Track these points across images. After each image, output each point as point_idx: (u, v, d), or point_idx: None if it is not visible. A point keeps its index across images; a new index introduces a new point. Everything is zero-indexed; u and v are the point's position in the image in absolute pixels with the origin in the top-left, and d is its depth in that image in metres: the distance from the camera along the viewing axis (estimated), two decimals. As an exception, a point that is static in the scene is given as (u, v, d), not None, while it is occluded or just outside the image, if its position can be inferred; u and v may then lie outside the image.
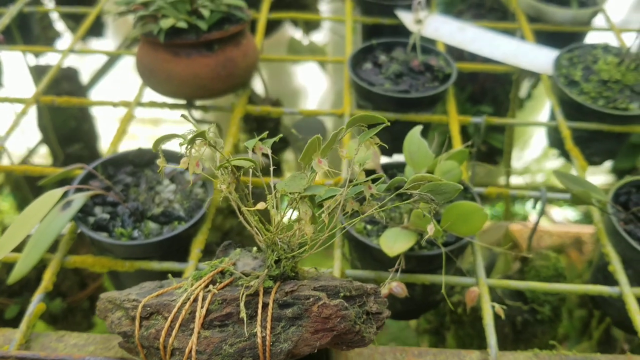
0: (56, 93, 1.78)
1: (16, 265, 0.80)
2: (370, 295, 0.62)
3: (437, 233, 0.71)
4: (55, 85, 1.81)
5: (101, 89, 2.12)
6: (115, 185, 0.92)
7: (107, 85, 2.15)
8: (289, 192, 0.54)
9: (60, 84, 1.87)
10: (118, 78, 2.18)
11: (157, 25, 1.01)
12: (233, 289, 0.61)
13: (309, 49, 2.16)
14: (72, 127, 1.98)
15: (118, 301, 0.65)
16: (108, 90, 2.14)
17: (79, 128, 2.00)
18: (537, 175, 2.75)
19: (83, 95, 1.98)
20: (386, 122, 0.65)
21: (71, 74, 1.92)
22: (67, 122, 1.95)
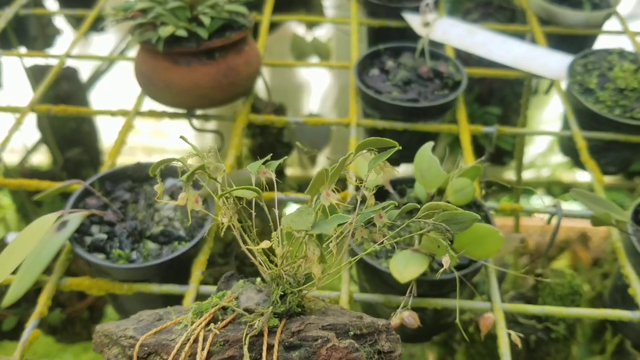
0: (55, 94, 1.74)
1: (10, 288, 0.77)
2: (382, 333, 0.58)
3: (451, 259, 0.67)
4: (54, 85, 1.78)
5: (102, 88, 2.08)
6: (113, 202, 0.88)
7: (107, 84, 2.10)
8: (295, 230, 0.50)
9: (59, 84, 1.83)
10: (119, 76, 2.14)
11: (155, 33, 0.97)
12: (236, 327, 0.57)
13: (312, 46, 2.12)
14: (72, 128, 1.94)
15: (114, 336, 0.61)
16: (108, 90, 2.11)
17: (79, 129, 1.96)
18: (543, 170, 2.71)
19: (83, 95, 1.94)
20: (398, 146, 0.61)
21: (70, 74, 1.88)
22: (67, 123, 1.92)
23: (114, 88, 2.12)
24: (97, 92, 2.05)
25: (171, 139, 2.50)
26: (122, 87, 2.16)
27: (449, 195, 0.80)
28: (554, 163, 2.72)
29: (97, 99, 2.02)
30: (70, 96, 1.84)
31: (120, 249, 0.81)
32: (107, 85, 2.10)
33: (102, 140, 2.10)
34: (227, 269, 1.28)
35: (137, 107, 1.10)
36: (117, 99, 2.26)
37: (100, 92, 2.07)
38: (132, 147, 2.56)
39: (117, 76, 2.11)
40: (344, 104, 2.50)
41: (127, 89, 2.18)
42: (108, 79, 2.09)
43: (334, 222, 0.50)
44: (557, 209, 0.89)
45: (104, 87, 2.10)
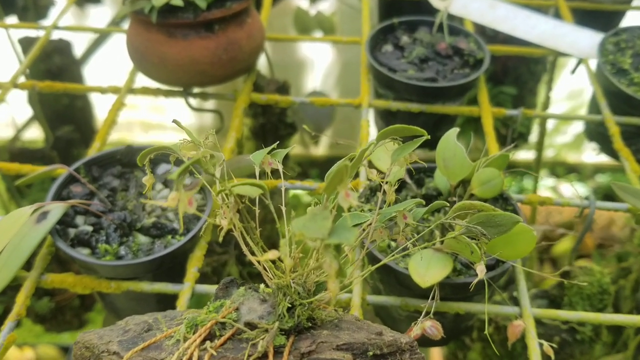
0: (47, 68, 1.65)
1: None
2: (405, 352, 0.50)
3: (479, 258, 0.59)
4: (46, 58, 1.68)
5: (97, 63, 1.99)
6: (100, 189, 0.79)
7: (104, 58, 2.01)
8: (309, 238, 0.41)
9: (51, 57, 1.73)
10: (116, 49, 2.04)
11: (148, 2, 0.88)
12: (236, 345, 0.49)
13: (316, 20, 2.03)
14: (64, 105, 1.85)
15: (96, 350, 0.53)
16: (104, 64, 2.01)
17: (71, 105, 1.87)
18: (548, 150, 2.63)
19: (77, 70, 1.84)
20: (426, 135, 0.53)
21: (63, 47, 1.78)
22: (59, 99, 1.82)
23: (110, 62, 2.03)
24: (92, 67, 1.96)
25: (170, 115, 2.41)
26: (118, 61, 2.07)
27: (474, 187, 0.72)
28: (559, 143, 2.64)
29: (92, 74, 1.92)
30: (62, 71, 1.75)
31: (107, 243, 0.73)
32: (103, 59, 2.01)
33: (97, 117, 2.02)
34: (226, 259, 1.20)
35: (129, 84, 1.01)
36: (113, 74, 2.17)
37: (96, 66, 1.98)
38: (130, 123, 2.48)
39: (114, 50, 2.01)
40: (347, 81, 2.40)
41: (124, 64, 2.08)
42: (104, 53, 1.99)
43: (354, 229, 0.42)
44: (591, 202, 0.81)
45: (99, 61, 2.00)
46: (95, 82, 1.04)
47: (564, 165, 2.63)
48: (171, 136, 2.53)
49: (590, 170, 2.60)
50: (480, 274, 0.51)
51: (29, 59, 1.07)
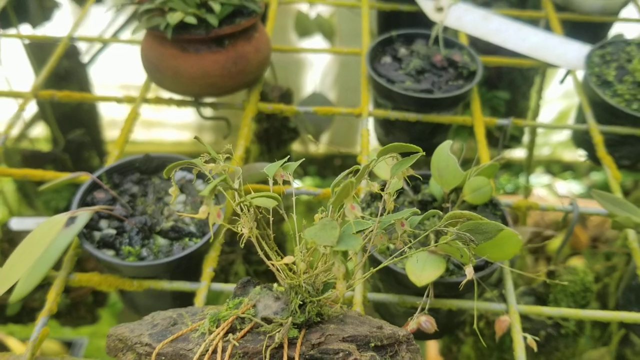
0: (55, 71, 1.71)
1: (18, 284, 0.75)
2: (402, 344, 0.57)
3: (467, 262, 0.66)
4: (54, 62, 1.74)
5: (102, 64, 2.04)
6: (121, 195, 0.86)
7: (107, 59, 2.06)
8: (319, 245, 0.48)
9: (59, 62, 1.79)
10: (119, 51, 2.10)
11: (164, 19, 0.94)
12: (254, 337, 0.56)
13: (316, 23, 2.09)
14: (72, 107, 1.91)
15: (129, 342, 0.60)
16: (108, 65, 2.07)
17: (79, 107, 1.93)
18: (543, 149, 2.70)
19: (83, 72, 1.90)
20: (422, 152, 0.59)
21: (70, 51, 1.84)
22: (66, 103, 1.88)
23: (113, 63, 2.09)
24: (97, 69, 2.02)
25: (170, 113, 2.47)
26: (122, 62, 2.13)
27: (466, 194, 0.79)
28: (555, 142, 2.70)
29: (97, 75, 1.98)
30: (70, 74, 1.81)
31: (130, 245, 0.79)
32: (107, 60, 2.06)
33: (103, 118, 2.08)
34: (233, 258, 1.27)
35: (143, 94, 1.07)
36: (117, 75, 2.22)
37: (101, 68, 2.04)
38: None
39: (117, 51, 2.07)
40: (344, 81, 2.47)
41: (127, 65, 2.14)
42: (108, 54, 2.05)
43: (359, 238, 0.49)
44: (574, 207, 0.88)
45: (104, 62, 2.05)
46: (100, 83, 1.10)
47: (560, 163, 2.70)
48: (171, 134, 2.59)
49: (585, 168, 2.67)
50: (469, 275, 0.57)
51: (47, 69, 1.14)
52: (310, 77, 2.45)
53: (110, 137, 2.21)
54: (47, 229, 0.68)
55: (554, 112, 2.50)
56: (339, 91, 2.52)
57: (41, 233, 0.67)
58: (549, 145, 2.74)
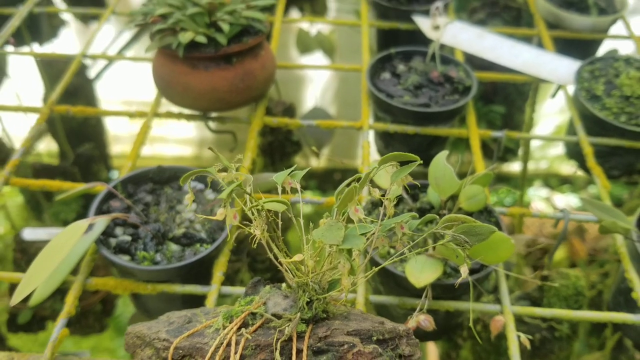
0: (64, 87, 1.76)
1: (38, 287, 0.80)
2: (402, 338, 0.61)
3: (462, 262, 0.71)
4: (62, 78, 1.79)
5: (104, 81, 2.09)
6: (135, 204, 0.91)
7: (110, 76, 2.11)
8: (326, 244, 0.53)
9: (68, 78, 1.84)
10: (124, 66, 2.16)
11: (175, 38, 1.00)
12: (265, 331, 0.60)
13: (317, 41, 2.14)
14: (78, 122, 1.96)
15: (147, 338, 0.64)
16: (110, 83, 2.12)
17: (86, 122, 1.98)
18: (540, 162, 2.75)
19: (90, 88, 1.96)
20: (419, 160, 0.64)
21: (79, 68, 1.90)
22: (74, 117, 1.93)
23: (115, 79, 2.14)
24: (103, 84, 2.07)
25: (172, 129, 2.52)
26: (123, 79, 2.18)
27: (462, 201, 0.83)
28: (552, 155, 2.75)
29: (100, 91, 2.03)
30: (78, 89, 1.86)
31: (144, 250, 0.84)
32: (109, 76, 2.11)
33: (108, 133, 2.13)
34: (239, 266, 1.31)
35: (154, 109, 1.12)
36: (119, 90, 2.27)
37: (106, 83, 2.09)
38: (133, 136, 2.58)
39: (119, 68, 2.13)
40: (344, 96, 2.52)
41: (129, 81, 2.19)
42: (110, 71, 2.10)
43: (362, 237, 0.53)
44: (565, 214, 0.93)
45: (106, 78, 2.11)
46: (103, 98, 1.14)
47: (558, 177, 2.74)
48: (173, 149, 2.64)
49: (583, 182, 2.72)
50: (464, 274, 0.62)
51: (61, 86, 1.19)
52: (310, 92, 2.51)
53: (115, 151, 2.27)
54: (69, 234, 0.72)
55: (550, 126, 2.56)
56: (338, 106, 2.58)
57: (64, 238, 0.72)
58: (547, 159, 2.78)
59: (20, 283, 0.72)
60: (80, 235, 0.73)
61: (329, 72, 2.39)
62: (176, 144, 2.63)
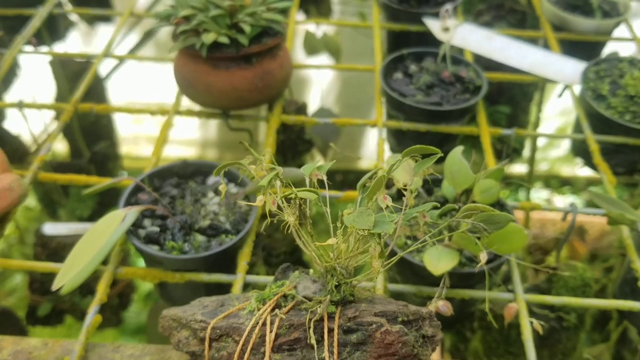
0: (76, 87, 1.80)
1: (71, 276, 0.83)
2: (425, 320, 0.65)
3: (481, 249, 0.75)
4: (75, 79, 1.83)
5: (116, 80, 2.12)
6: (162, 197, 0.95)
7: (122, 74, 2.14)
8: (358, 229, 0.57)
9: (79, 78, 1.88)
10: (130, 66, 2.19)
11: (199, 39, 1.04)
12: (297, 313, 0.64)
13: (323, 42, 2.18)
14: (90, 121, 2.00)
15: (184, 320, 0.68)
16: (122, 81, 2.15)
17: (97, 122, 2.02)
18: (541, 164, 2.79)
19: (101, 88, 1.99)
20: (440, 153, 0.68)
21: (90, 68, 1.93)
22: (86, 116, 1.97)
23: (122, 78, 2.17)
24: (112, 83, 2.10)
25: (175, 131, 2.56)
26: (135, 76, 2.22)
27: (476, 195, 0.87)
28: (553, 157, 2.79)
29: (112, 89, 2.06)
30: (90, 90, 1.89)
31: (173, 240, 0.88)
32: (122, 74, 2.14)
33: (118, 133, 2.16)
34: (255, 260, 1.35)
35: (176, 107, 1.16)
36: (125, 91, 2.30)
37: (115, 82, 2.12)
38: (137, 137, 2.61)
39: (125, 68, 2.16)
40: (346, 99, 2.56)
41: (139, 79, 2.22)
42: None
43: (391, 222, 0.57)
44: (573, 208, 0.97)
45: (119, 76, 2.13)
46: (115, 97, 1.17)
47: (558, 178, 2.78)
48: (177, 150, 2.68)
49: (583, 183, 2.76)
50: (483, 259, 0.66)
51: (85, 84, 1.23)
52: (314, 94, 2.55)
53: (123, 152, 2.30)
54: (107, 223, 0.76)
55: (551, 128, 2.60)
56: (341, 108, 2.61)
57: (102, 227, 0.75)
58: (548, 161, 2.82)
59: (61, 269, 0.75)
60: (118, 223, 0.77)
61: (331, 76, 2.43)
62: (179, 145, 2.66)
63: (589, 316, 1.11)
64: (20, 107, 1.20)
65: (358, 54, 2.21)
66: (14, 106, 1.20)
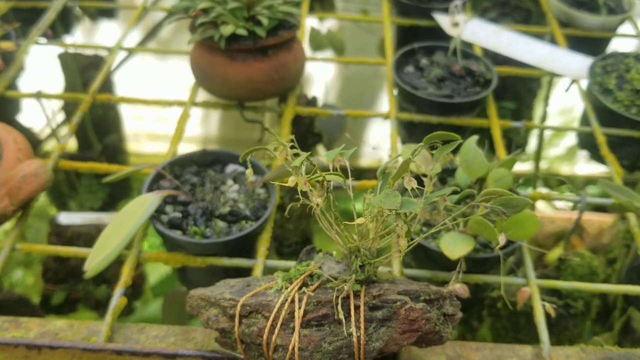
0: (85, 81, 1.82)
1: (93, 263, 0.85)
2: (446, 299, 0.68)
3: (496, 238, 0.78)
4: (83, 72, 1.85)
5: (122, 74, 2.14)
6: (182, 184, 0.97)
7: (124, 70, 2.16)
8: (386, 209, 0.60)
9: (87, 71, 1.90)
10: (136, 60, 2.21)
11: (217, 31, 1.06)
12: (324, 291, 0.67)
13: (327, 39, 2.21)
14: (99, 115, 2.02)
15: (212, 299, 0.71)
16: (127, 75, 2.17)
17: (105, 116, 2.04)
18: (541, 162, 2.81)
19: (109, 81, 2.01)
20: (459, 139, 0.71)
21: (98, 62, 1.96)
22: (95, 110, 1.99)
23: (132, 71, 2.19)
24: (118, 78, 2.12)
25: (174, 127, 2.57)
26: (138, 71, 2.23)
27: (490, 183, 0.90)
28: (552, 156, 2.82)
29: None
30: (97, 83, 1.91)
31: (195, 226, 0.90)
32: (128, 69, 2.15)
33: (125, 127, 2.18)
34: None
35: (192, 98, 1.19)
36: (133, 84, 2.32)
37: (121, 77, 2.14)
38: (137, 134, 2.62)
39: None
40: (347, 96, 2.59)
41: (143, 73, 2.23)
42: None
43: (417, 203, 0.60)
44: (582, 198, 0.99)
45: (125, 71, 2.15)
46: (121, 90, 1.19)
47: (557, 177, 2.81)
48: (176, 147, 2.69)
49: (582, 182, 2.79)
50: (502, 241, 0.69)
51: (102, 75, 1.25)
52: (315, 91, 2.58)
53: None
54: (135, 207, 0.79)
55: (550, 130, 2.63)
56: (343, 104, 2.64)
57: (131, 211, 0.78)
58: (546, 160, 2.85)
59: (92, 252, 0.78)
60: (147, 207, 0.80)
61: (332, 73, 2.46)
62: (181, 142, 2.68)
63: (594, 307, 1.14)
64: (38, 97, 1.22)
65: (360, 50, 2.23)
66: (31, 96, 1.22)
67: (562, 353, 0.80)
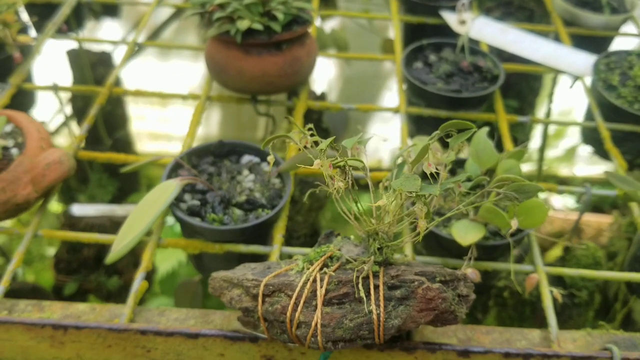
0: (93, 77, 1.85)
1: (118, 247, 0.88)
2: (460, 281, 0.71)
3: (506, 226, 0.81)
4: (91, 68, 1.88)
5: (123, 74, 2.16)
6: (200, 174, 1.00)
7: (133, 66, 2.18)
8: (406, 192, 0.63)
9: (96, 68, 1.93)
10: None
11: (233, 25, 1.09)
12: (344, 271, 0.70)
13: (331, 38, 2.24)
14: (106, 111, 2.05)
15: (235, 280, 0.74)
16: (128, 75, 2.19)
17: (113, 112, 2.07)
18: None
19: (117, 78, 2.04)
20: (474, 128, 0.74)
21: (105, 58, 1.99)
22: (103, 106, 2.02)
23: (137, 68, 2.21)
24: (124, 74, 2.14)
25: (176, 127, 2.60)
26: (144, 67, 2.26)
27: (499, 174, 0.93)
28: (551, 157, 2.86)
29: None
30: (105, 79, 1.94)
31: (213, 213, 0.93)
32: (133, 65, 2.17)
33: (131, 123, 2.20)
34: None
35: (207, 92, 1.22)
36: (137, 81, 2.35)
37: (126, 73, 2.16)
38: (139, 134, 2.64)
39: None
40: (348, 96, 2.62)
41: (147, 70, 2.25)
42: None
43: (437, 186, 0.63)
44: (587, 189, 1.03)
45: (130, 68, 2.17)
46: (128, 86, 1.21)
47: (555, 179, 2.85)
48: (177, 146, 2.71)
49: (581, 183, 2.81)
50: (514, 226, 0.72)
51: (117, 69, 1.28)
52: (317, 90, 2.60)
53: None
54: (158, 194, 0.81)
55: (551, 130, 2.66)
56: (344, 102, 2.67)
57: (154, 197, 0.81)
58: (546, 161, 2.88)
59: (117, 237, 0.81)
60: (170, 193, 0.82)
61: (333, 73, 2.49)
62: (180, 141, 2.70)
63: (596, 300, 1.17)
64: (55, 90, 1.25)
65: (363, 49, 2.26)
66: (48, 89, 1.25)
67: (569, 337, 0.83)
